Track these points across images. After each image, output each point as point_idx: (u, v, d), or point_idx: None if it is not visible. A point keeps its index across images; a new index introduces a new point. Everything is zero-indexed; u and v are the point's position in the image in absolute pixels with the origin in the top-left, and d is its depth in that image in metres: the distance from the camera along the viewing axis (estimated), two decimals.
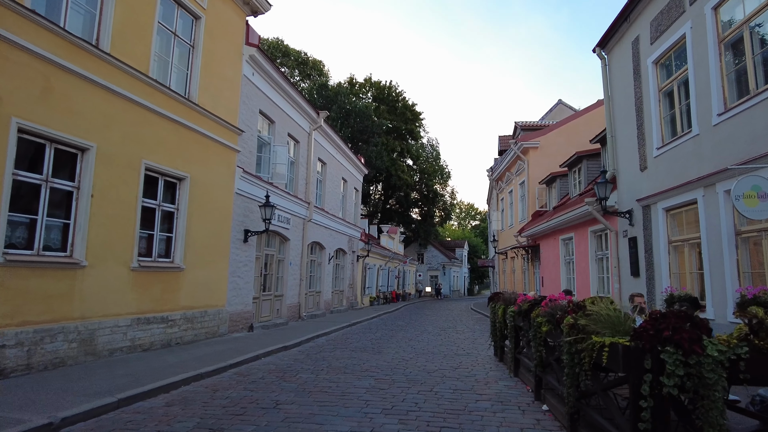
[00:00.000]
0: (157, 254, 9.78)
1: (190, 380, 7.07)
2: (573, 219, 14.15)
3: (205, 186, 11.11)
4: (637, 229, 10.44)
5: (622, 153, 11.42)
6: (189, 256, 10.50)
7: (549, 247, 17.59)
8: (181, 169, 10.32)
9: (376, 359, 8.82)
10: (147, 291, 9.26)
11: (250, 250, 13.11)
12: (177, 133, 10.22)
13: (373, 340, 11.92)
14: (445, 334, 13.66)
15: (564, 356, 4.09)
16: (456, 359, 9.00)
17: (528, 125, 24.48)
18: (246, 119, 12.99)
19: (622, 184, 11.26)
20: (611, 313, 3.44)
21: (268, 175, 14.14)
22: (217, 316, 11.54)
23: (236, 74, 12.52)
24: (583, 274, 14.03)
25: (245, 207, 12.83)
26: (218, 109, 11.61)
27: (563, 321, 4.10)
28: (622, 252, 11.32)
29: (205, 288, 11.10)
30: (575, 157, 16.02)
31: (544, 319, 5.02)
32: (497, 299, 8.70)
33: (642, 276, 10.18)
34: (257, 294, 13.88)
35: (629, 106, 10.85)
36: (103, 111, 8.25)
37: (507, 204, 25.89)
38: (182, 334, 10.27)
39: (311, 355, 9.40)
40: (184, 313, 10.35)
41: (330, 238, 20.55)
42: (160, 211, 9.84)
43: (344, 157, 22.76)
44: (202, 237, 11.00)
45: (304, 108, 16.64)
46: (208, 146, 11.25)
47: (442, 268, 57.25)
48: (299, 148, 16.77)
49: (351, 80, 46.55)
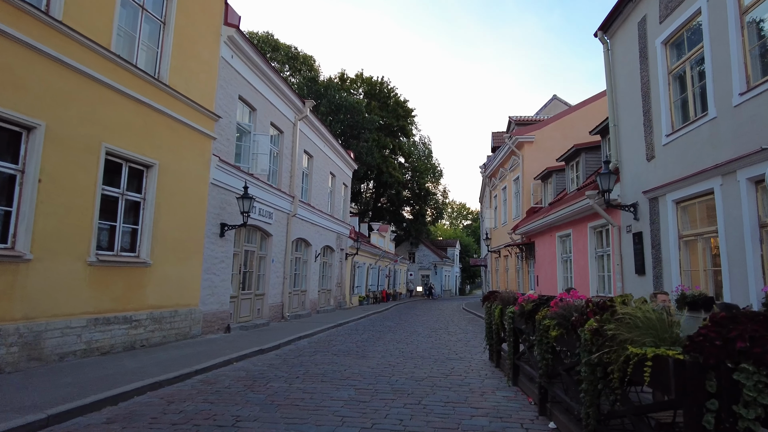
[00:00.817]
0: (120, 248, 8.88)
1: (146, 389, 6.20)
2: (571, 214, 13.42)
3: (176, 175, 10.22)
4: (643, 224, 9.71)
5: (626, 143, 10.69)
6: (157, 251, 9.61)
7: (545, 245, 16.86)
8: (149, 155, 9.43)
9: (360, 365, 7.99)
10: (107, 288, 8.36)
11: (228, 246, 12.22)
12: (144, 115, 9.32)
13: (358, 343, 11.08)
14: (437, 336, 12.86)
15: (582, 368, 3.30)
16: (448, 364, 8.19)
17: (522, 120, 23.77)
18: (224, 105, 12.10)
19: (626, 175, 10.53)
20: (652, 315, 2.64)
21: (248, 165, 13.25)
22: (189, 316, 10.65)
23: (213, 56, 11.63)
24: (581, 272, 13.30)
25: (222, 199, 11.94)
26: (192, 93, 10.71)
27: (581, 325, 3.32)
28: (625, 249, 10.59)
29: (175, 285, 10.20)
30: (573, 150, 15.29)
31: (553, 321, 4.23)
32: (493, 299, 7.91)
33: (648, 274, 9.44)
34: (236, 293, 12.99)
35: (634, 92, 10.11)
36: (55, 86, 7.35)
37: (500, 201, 25.16)
38: (148, 336, 9.37)
39: (288, 360, 8.55)
40: (151, 313, 9.45)
41: (316, 235, 19.67)
42: (124, 200, 8.94)
43: (332, 150, 21.89)
44: (172, 230, 10.11)
45: (289, 96, 15.75)
46: (180, 132, 10.36)
47: (434, 268, 56.52)
48: (283, 138, 15.88)
49: (342, 75, 45.63)
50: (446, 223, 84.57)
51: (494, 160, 25.25)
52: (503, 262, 25.00)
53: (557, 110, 25.79)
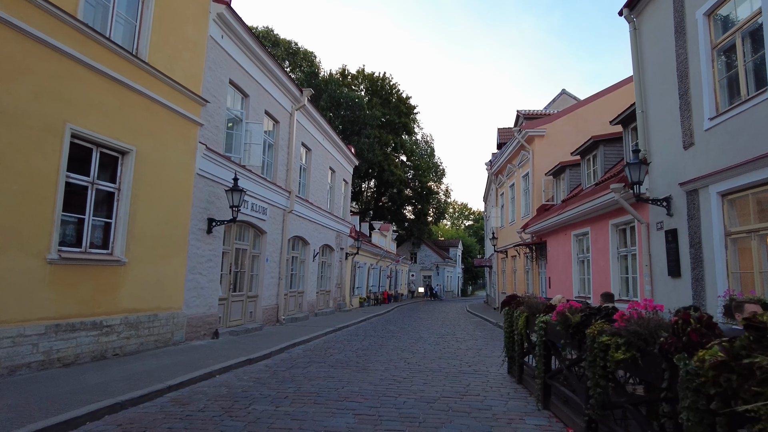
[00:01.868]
0: (90, 244, 7.83)
1: (103, 413, 5.15)
2: (590, 211, 12.35)
3: (156, 163, 9.18)
4: (678, 220, 8.64)
5: (656, 130, 9.62)
6: (134, 248, 8.57)
7: (558, 244, 15.79)
8: (125, 140, 8.38)
9: (360, 380, 6.92)
10: (72, 290, 7.32)
11: (216, 243, 11.17)
12: (119, 95, 8.28)
13: (358, 351, 10.02)
14: (444, 343, 11.79)
15: (687, 415, 2.25)
16: (462, 380, 7.12)
17: (531, 114, 22.70)
18: (212, 89, 11.05)
19: (657, 167, 9.47)
20: None
21: (239, 156, 12.20)
22: (170, 321, 9.60)
23: (200, 34, 10.58)
24: (601, 274, 12.23)
25: (209, 191, 10.89)
26: (175, 73, 9.67)
27: (685, 351, 2.27)
28: (655, 248, 9.53)
29: (155, 287, 9.16)
30: (590, 142, 14.23)
31: (616, 340, 3.18)
32: (515, 304, 6.84)
33: (685, 276, 8.38)
34: (225, 294, 11.93)
35: (668, 73, 9.05)
36: (4, 53, 6.30)
37: (507, 199, 24.09)
38: (122, 343, 8.32)
39: (278, 373, 7.49)
40: (126, 317, 8.40)
41: (315, 233, 18.61)
42: (95, 190, 7.90)
43: (332, 144, 20.83)
44: (152, 225, 9.07)
45: (285, 84, 14.70)
46: (161, 115, 9.32)
47: (436, 268, 55.42)
48: (279, 129, 14.82)
49: (343, 71, 44.49)
50: (447, 223, 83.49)
51: (501, 156, 24.18)
52: (510, 263, 23.94)
53: (566, 105, 24.74)
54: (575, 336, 4.07)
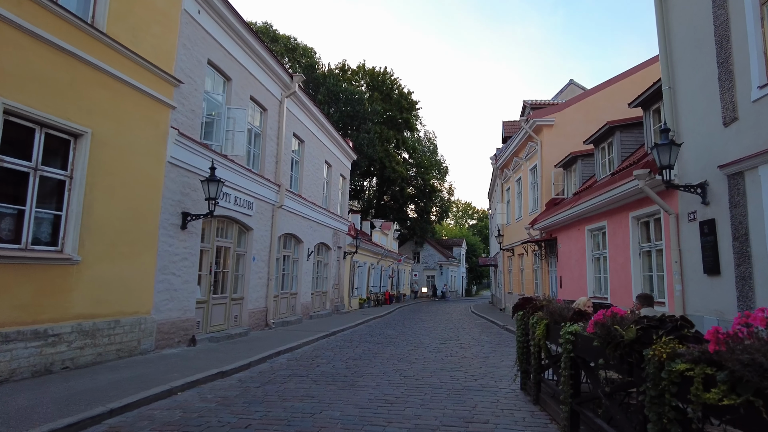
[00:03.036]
0: (32, 240, 6.71)
1: None
2: (607, 203, 11.16)
3: (119, 148, 8.08)
4: (717, 209, 7.46)
5: (687, 108, 8.44)
6: (90, 244, 7.46)
7: (570, 240, 14.60)
8: (78, 120, 7.27)
9: (345, 401, 5.77)
10: (6, 293, 6.21)
11: (193, 240, 10.04)
12: (71, 69, 7.18)
13: (348, 361, 8.84)
14: (447, 350, 10.62)
15: None
16: (467, 399, 5.96)
17: (538, 103, 21.47)
18: (188, 69, 9.93)
19: (689, 149, 8.27)
20: None
21: (220, 144, 11.07)
22: (136, 327, 8.48)
23: (172, 6, 9.46)
24: (620, 272, 11.04)
25: (184, 182, 9.77)
26: (142, 48, 8.56)
27: None
28: (687, 242, 8.34)
29: (117, 288, 8.05)
30: (606, 128, 13.02)
31: (719, 374, 2.02)
32: (532, 309, 5.67)
33: (726, 274, 7.19)
34: (205, 297, 10.81)
35: (703, 40, 7.87)
36: None
37: (514, 194, 22.87)
38: (75, 355, 7.20)
39: (250, 390, 6.34)
40: (79, 324, 7.28)
41: (309, 230, 17.47)
42: (39, 177, 6.78)
43: (328, 137, 19.68)
44: (113, 219, 7.96)
45: (273, 68, 13.56)
46: (124, 95, 8.21)
47: (439, 268, 54.19)
48: (267, 117, 13.68)
49: (343, 66, 43.32)
50: (451, 222, 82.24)
51: (507, 149, 22.96)
52: (517, 262, 22.72)
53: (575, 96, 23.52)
54: (629, 356, 2.90)
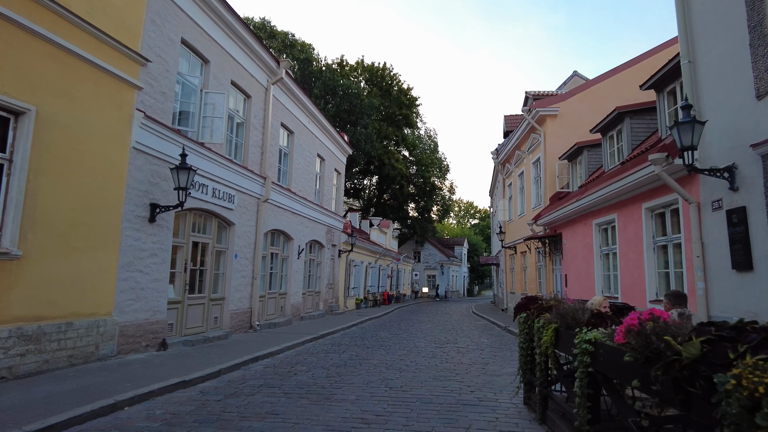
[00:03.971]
0: None
1: None
2: (618, 193, 10.24)
3: (71, 130, 7.19)
4: (748, 195, 6.53)
5: (710, 82, 7.51)
6: (34, 237, 6.58)
7: (576, 236, 13.66)
8: (18, 96, 6.40)
9: (315, 420, 4.85)
10: None
11: (163, 234, 9.15)
12: (9, 38, 6.31)
13: (330, 369, 7.92)
14: (443, 355, 9.69)
15: None
16: (460, 416, 5.04)
17: (541, 94, 20.54)
18: (157, 47, 9.04)
19: (713, 128, 7.34)
20: None
21: (196, 131, 10.18)
22: (93, 330, 7.59)
23: None
24: (633, 269, 10.10)
25: (152, 171, 8.88)
26: (99, 19, 7.68)
27: None
28: (710, 234, 7.40)
29: (69, 287, 7.17)
30: (614, 114, 12.09)
31: None
32: (535, 310, 4.74)
33: (761, 269, 6.26)
34: (179, 297, 9.92)
35: (728, 5, 6.95)
36: None
37: (516, 189, 21.94)
38: (13, 363, 6.30)
39: (208, 405, 5.43)
40: (20, 328, 6.39)
41: (300, 227, 16.57)
42: None
43: (321, 129, 18.78)
44: (65, 209, 7.08)
45: (257, 51, 12.66)
46: (78, 71, 7.33)
47: (440, 267, 53.23)
48: (251, 105, 12.78)
49: (341, 62, 42.38)
50: (453, 221, 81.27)
51: (509, 142, 22.04)
52: (519, 260, 21.79)
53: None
54: (683, 384, 1.98)
